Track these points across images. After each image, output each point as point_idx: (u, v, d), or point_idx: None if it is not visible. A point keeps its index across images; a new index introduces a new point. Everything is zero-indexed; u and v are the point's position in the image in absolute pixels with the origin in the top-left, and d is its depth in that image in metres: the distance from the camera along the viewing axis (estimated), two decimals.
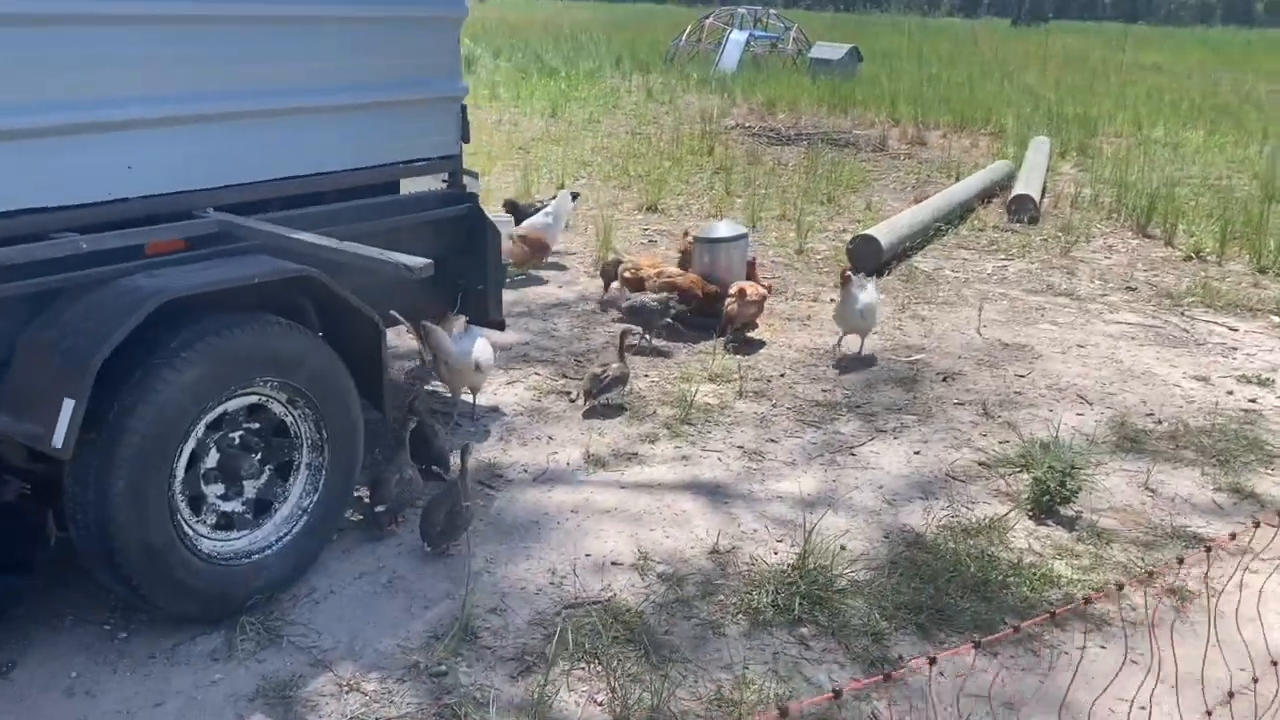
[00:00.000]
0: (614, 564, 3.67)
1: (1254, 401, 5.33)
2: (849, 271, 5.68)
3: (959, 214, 9.21)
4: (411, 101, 4.09)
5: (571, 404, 5.01)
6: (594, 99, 17.06)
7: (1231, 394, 5.43)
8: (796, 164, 11.81)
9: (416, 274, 3.04)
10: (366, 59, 3.90)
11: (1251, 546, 3.17)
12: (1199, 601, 3.46)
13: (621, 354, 5.05)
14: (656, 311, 5.75)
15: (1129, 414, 5.11)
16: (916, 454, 4.62)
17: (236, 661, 3.06)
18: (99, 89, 3.09)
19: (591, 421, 4.82)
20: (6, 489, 3.20)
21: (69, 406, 2.69)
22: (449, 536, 3.63)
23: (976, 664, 3.09)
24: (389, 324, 3.61)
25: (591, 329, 6.14)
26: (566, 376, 5.35)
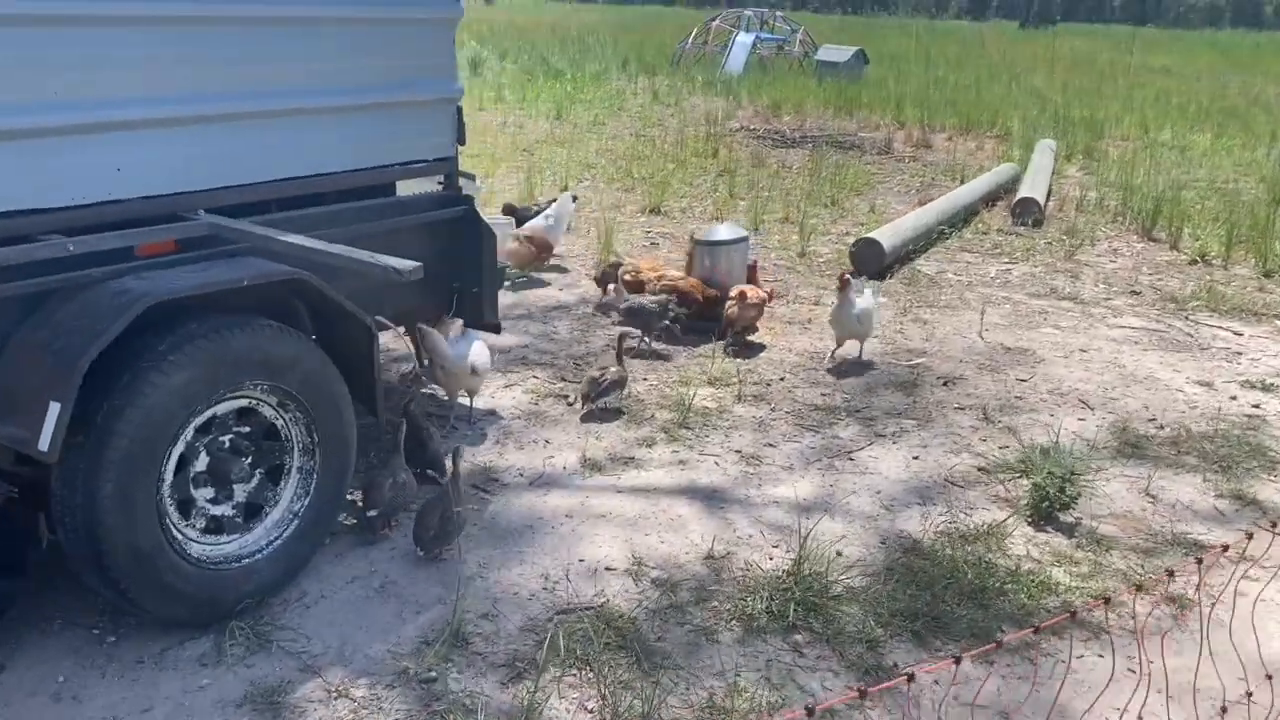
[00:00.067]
0: (608, 569, 3.64)
1: (1257, 407, 5.28)
2: (848, 275, 5.64)
3: (963, 217, 9.18)
4: (406, 103, 4.07)
5: (569, 407, 4.98)
6: (599, 101, 17.06)
7: (1235, 399, 5.39)
8: (801, 166, 11.78)
9: (405, 277, 3.02)
10: (360, 60, 3.87)
11: (1248, 555, 3.13)
12: (1197, 610, 3.42)
13: (620, 357, 5.02)
14: (655, 313, 5.72)
15: (1131, 419, 5.07)
16: (915, 459, 4.59)
17: (225, 667, 3.04)
18: (90, 90, 3.06)
19: (589, 425, 4.80)
20: None
21: (55, 410, 2.67)
22: (442, 541, 3.61)
23: (973, 673, 3.06)
24: (379, 328, 3.59)
25: (591, 332, 6.12)
26: (565, 380, 5.33)
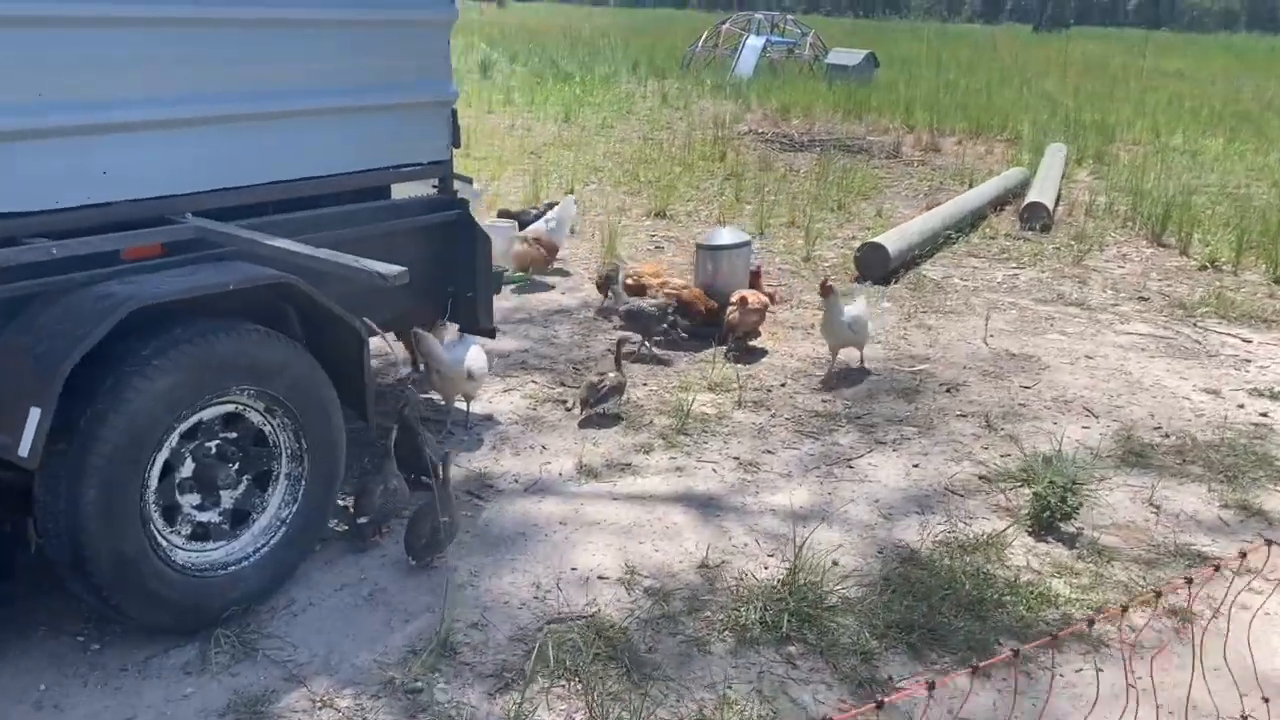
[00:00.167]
0: (600, 578, 3.59)
1: (1265, 415, 5.20)
2: (830, 282, 5.53)
3: (971, 221, 9.10)
4: (400, 106, 4.04)
5: (567, 413, 4.94)
6: (608, 104, 17.04)
7: (1242, 407, 5.31)
8: (808, 170, 11.72)
9: (390, 282, 2.98)
10: (354, 63, 3.84)
11: (1250, 568, 3.07)
12: (1198, 623, 3.35)
13: (619, 363, 4.98)
14: (654, 317, 5.68)
15: (1135, 427, 4.99)
16: (915, 467, 4.53)
17: (209, 675, 3.00)
18: (81, 92, 3.04)
19: (587, 431, 4.76)
20: None
21: (35, 415, 2.64)
22: (434, 549, 3.57)
23: (964, 687, 3.00)
24: (367, 333, 3.55)
25: (592, 336, 6.08)
26: (564, 385, 5.29)
